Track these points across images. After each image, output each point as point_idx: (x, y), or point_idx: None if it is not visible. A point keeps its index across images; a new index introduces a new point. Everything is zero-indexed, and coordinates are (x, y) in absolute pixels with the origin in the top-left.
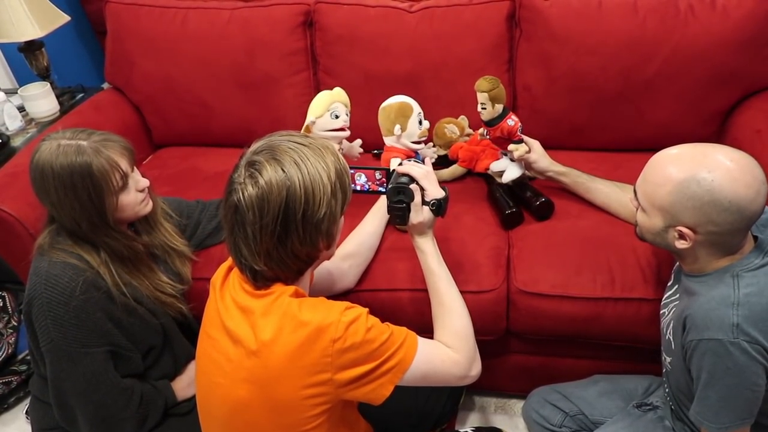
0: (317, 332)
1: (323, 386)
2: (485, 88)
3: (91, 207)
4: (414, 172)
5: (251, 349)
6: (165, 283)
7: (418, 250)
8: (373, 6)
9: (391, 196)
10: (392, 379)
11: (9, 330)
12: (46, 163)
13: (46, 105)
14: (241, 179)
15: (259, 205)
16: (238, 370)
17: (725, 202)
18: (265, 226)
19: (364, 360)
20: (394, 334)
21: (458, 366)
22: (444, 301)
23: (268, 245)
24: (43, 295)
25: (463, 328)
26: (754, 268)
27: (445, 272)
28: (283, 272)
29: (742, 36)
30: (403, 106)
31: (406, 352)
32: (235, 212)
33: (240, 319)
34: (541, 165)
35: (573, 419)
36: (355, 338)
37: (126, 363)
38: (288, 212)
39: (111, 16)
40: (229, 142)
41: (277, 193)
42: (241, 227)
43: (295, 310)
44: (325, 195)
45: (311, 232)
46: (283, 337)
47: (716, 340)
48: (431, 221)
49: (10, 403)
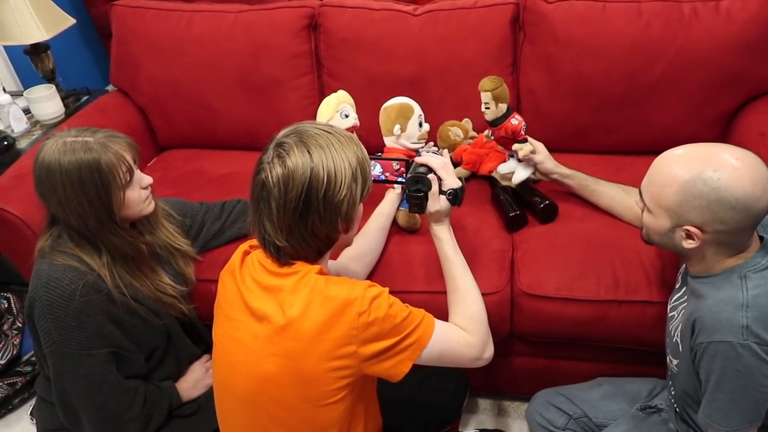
0: (344, 305)
1: (348, 359)
2: (488, 87)
3: (98, 203)
4: (432, 162)
5: (279, 325)
6: (166, 284)
7: (435, 237)
8: (378, 9)
9: (410, 185)
10: (411, 356)
11: (14, 331)
12: (53, 160)
13: (52, 107)
14: (270, 159)
15: (285, 182)
16: (265, 345)
17: (732, 200)
18: (289, 201)
19: (386, 334)
20: (413, 313)
21: (472, 348)
22: (459, 286)
23: (290, 221)
24: (43, 298)
25: (477, 312)
26: (761, 268)
27: (460, 259)
28: (304, 251)
29: (746, 39)
30: (404, 107)
31: (425, 331)
32: (262, 188)
33: (265, 299)
34: (547, 166)
35: (577, 422)
36: (379, 312)
37: (129, 364)
38: (311, 190)
39: (116, 19)
40: (234, 144)
41: (301, 173)
42: (267, 203)
43: (322, 285)
44: (346, 178)
45: (331, 213)
46: (312, 310)
47: (726, 343)
48: (448, 210)
49: (15, 404)
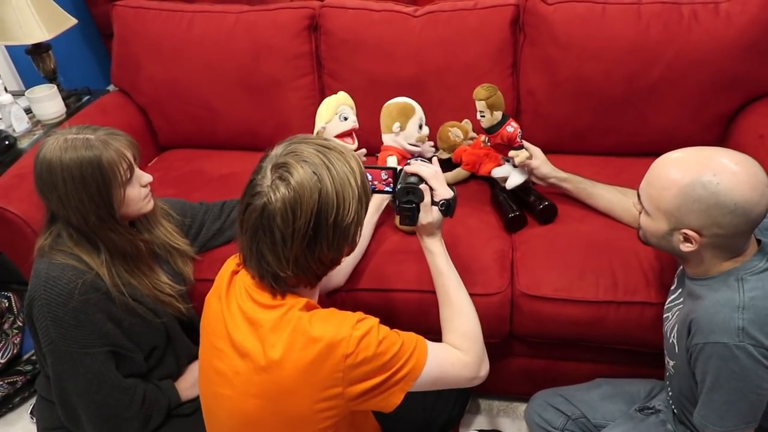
0: (329, 348)
1: (334, 400)
2: (482, 96)
3: (99, 199)
4: (423, 171)
5: (260, 365)
6: (164, 283)
7: (427, 251)
8: (378, 10)
9: (400, 196)
10: (403, 387)
11: (14, 330)
12: (54, 156)
13: (53, 107)
14: (269, 182)
15: (292, 207)
16: (246, 385)
17: (731, 204)
18: (297, 229)
19: (375, 373)
20: (404, 344)
21: (468, 368)
22: (453, 302)
23: (297, 250)
24: (42, 297)
25: (471, 330)
26: (758, 271)
27: (453, 273)
28: (306, 277)
29: (746, 41)
30: (406, 107)
31: (417, 360)
32: (261, 216)
33: (247, 332)
34: (543, 171)
35: (575, 422)
36: (367, 352)
37: (128, 363)
38: (320, 216)
39: (118, 20)
40: (234, 144)
41: (309, 196)
42: (268, 231)
43: (306, 324)
44: (354, 199)
45: (339, 237)
46: (294, 353)
47: (722, 344)
48: (440, 221)
49: (15, 403)
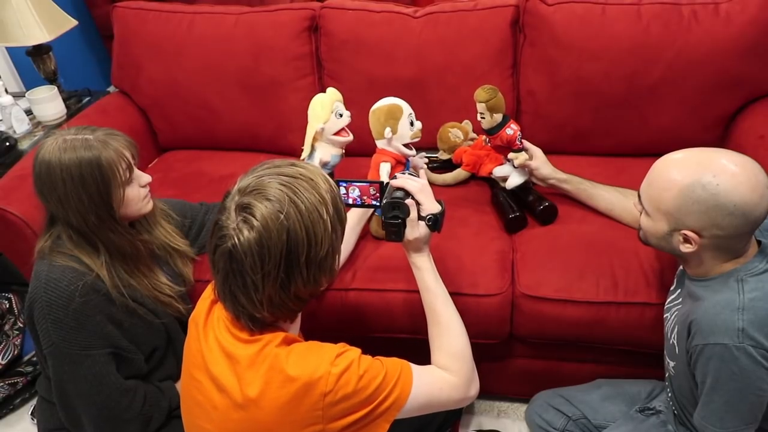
0: (306, 387)
1: None
2: (483, 98)
3: (99, 200)
4: (409, 186)
5: (237, 402)
6: (163, 284)
7: (414, 266)
8: (378, 11)
9: (386, 211)
10: (387, 418)
11: (15, 331)
12: (53, 157)
13: (53, 108)
14: (234, 225)
15: (259, 252)
16: (225, 421)
17: (730, 205)
18: (267, 273)
19: (357, 407)
20: (388, 374)
21: (456, 390)
22: (441, 320)
23: (270, 292)
24: (42, 299)
25: (460, 349)
26: (758, 272)
27: (442, 289)
28: (284, 314)
29: (746, 42)
30: (393, 108)
31: (402, 390)
32: (230, 260)
33: (225, 366)
34: (543, 172)
35: (576, 423)
36: (347, 389)
37: (129, 365)
38: (291, 257)
39: (118, 21)
40: (235, 145)
41: (277, 237)
42: (239, 276)
43: (283, 362)
44: (326, 231)
45: (315, 272)
46: (271, 392)
47: (722, 345)
48: (427, 237)
49: (16, 404)
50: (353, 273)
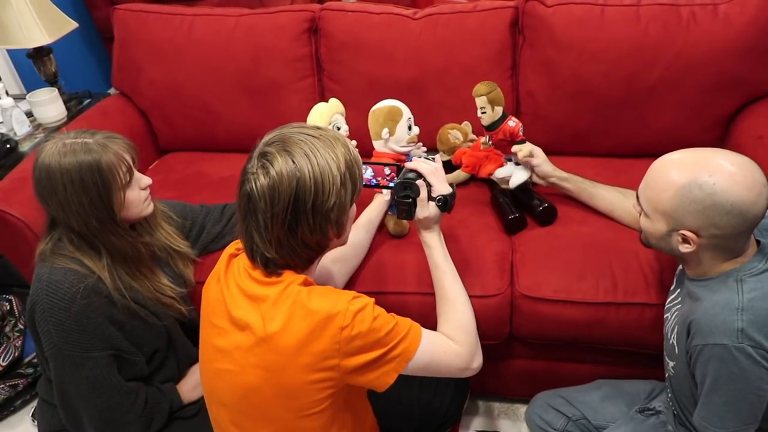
0: (326, 320)
1: (330, 371)
2: (483, 91)
3: (99, 203)
4: (422, 168)
5: (261, 336)
6: (165, 286)
7: (425, 244)
8: (378, 13)
9: (398, 190)
10: (396, 367)
11: (16, 333)
12: (53, 161)
13: (54, 110)
14: (254, 170)
15: (270, 194)
16: (247, 356)
17: (727, 205)
18: (276, 215)
19: (370, 348)
20: (399, 324)
21: (460, 358)
22: (448, 295)
23: (279, 233)
24: (44, 301)
25: (466, 322)
26: (757, 272)
27: (450, 267)
28: (293, 260)
29: (745, 43)
30: (393, 110)
31: (411, 342)
32: (248, 201)
33: (248, 308)
34: (544, 170)
35: (576, 424)
36: (362, 326)
37: (130, 367)
38: (297, 202)
39: (118, 23)
40: (235, 147)
41: (287, 184)
42: (254, 215)
43: (305, 298)
44: (334, 185)
45: (321, 222)
46: (293, 324)
47: (721, 345)
48: (437, 217)
49: (17, 405)
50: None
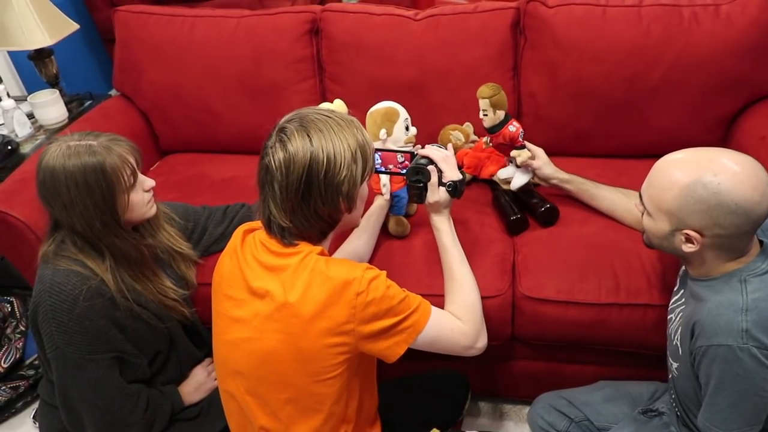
0: (343, 285)
1: (346, 336)
2: (487, 94)
3: (103, 205)
4: (434, 154)
5: (281, 302)
6: (168, 288)
7: (434, 228)
8: (379, 14)
9: (410, 175)
10: (407, 338)
11: (17, 335)
12: (57, 164)
13: (55, 112)
14: (272, 144)
15: (286, 165)
16: (267, 322)
17: (732, 204)
18: (291, 183)
19: (384, 315)
20: (409, 297)
21: (465, 336)
22: (455, 276)
23: (293, 202)
24: (47, 303)
25: (472, 302)
26: (761, 272)
27: (458, 250)
28: (308, 231)
29: (747, 43)
30: (390, 111)
31: (421, 315)
32: (266, 172)
33: (268, 278)
34: (546, 172)
35: (578, 425)
36: (377, 293)
37: (132, 369)
38: (311, 172)
39: (119, 25)
40: (236, 148)
41: (301, 156)
42: (271, 186)
43: (323, 266)
44: (345, 159)
45: (332, 193)
46: (312, 290)
47: (726, 346)
48: (447, 201)
49: (18, 407)
50: None
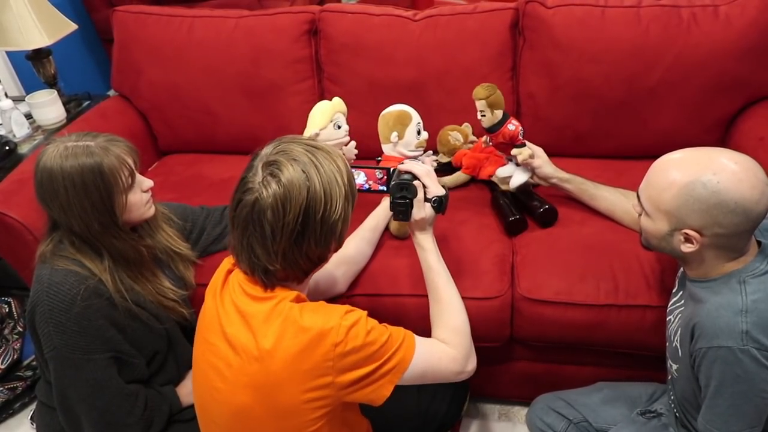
0: (318, 337)
1: (325, 389)
2: (482, 95)
3: (101, 206)
4: (416, 169)
5: (253, 355)
6: (167, 288)
7: (418, 246)
8: (378, 14)
9: (394, 192)
10: (392, 379)
11: (14, 336)
12: (55, 165)
13: (53, 112)
14: (260, 178)
15: (283, 202)
16: (239, 376)
17: (731, 203)
18: (286, 224)
19: (364, 362)
20: (392, 336)
21: (455, 362)
22: (442, 297)
23: (285, 245)
24: (45, 303)
25: (459, 325)
26: (760, 273)
27: (443, 269)
28: (294, 272)
29: (745, 44)
30: (402, 114)
31: (405, 353)
32: (252, 210)
33: (240, 325)
34: (545, 171)
35: (577, 426)
36: (356, 342)
37: (130, 369)
38: (308, 212)
39: (118, 25)
40: (235, 149)
41: (298, 192)
42: (258, 226)
43: (296, 315)
44: (341, 197)
45: (327, 233)
46: (285, 342)
47: (726, 348)
48: (432, 218)
49: (15, 408)
50: (363, 278)
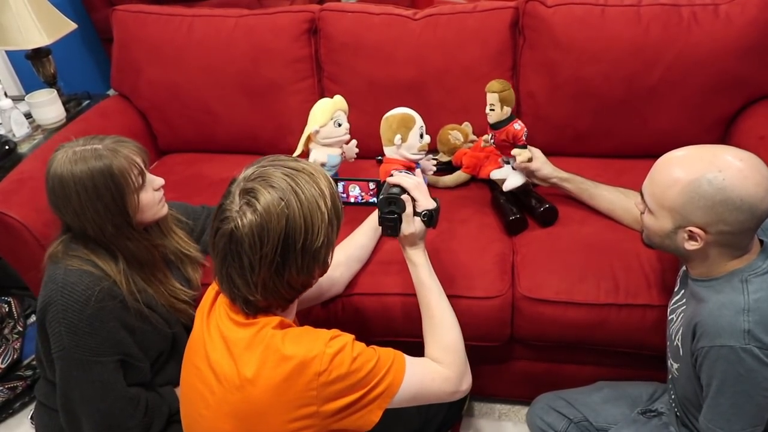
0: (301, 366)
1: (309, 419)
2: (497, 88)
3: (114, 208)
4: (405, 182)
5: (234, 384)
6: (179, 290)
7: (409, 261)
8: (378, 13)
9: (382, 206)
10: (381, 404)
11: (14, 335)
12: (65, 170)
13: (53, 112)
14: (237, 207)
15: (259, 233)
16: (221, 404)
17: (737, 200)
18: (264, 256)
19: (350, 390)
20: (381, 360)
21: (449, 382)
22: (434, 314)
23: (265, 276)
24: (59, 302)
25: (453, 342)
26: (762, 272)
27: (436, 285)
28: (276, 301)
29: (746, 43)
30: (406, 117)
31: (394, 377)
32: (230, 241)
33: (223, 351)
34: (545, 172)
35: (577, 426)
36: (341, 370)
37: (135, 372)
38: (288, 242)
39: (117, 24)
40: (234, 148)
41: (276, 222)
42: (236, 257)
43: (278, 343)
44: (323, 223)
45: (309, 262)
46: (266, 371)
47: (728, 347)
48: (422, 232)
49: (15, 408)
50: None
